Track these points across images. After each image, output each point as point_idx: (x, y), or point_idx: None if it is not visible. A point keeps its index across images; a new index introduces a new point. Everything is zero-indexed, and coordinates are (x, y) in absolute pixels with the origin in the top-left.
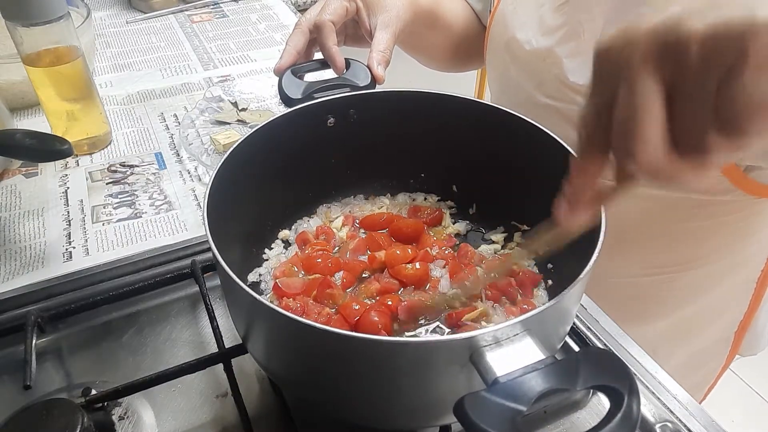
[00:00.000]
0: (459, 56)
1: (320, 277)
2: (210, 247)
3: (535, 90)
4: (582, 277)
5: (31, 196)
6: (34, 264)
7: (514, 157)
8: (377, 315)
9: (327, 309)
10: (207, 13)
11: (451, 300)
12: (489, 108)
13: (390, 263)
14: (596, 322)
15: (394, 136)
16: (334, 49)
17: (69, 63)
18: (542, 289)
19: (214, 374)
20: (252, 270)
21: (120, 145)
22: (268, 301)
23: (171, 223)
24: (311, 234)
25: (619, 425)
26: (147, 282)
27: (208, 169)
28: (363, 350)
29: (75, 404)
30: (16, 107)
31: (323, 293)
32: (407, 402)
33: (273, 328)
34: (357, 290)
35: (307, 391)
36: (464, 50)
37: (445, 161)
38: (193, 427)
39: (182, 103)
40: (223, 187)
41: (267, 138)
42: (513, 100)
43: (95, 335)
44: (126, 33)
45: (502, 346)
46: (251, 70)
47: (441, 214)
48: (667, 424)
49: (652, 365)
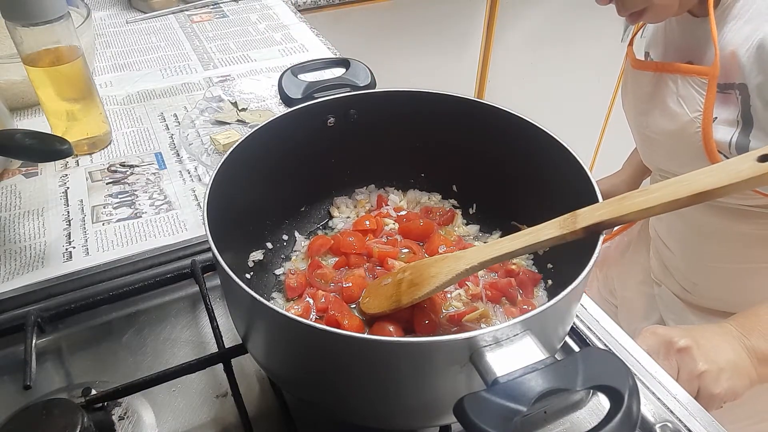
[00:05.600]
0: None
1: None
2: (210, 247)
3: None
4: (582, 277)
5: (31, 196)
6: (34, 264)
7: (514, 157)
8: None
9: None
10: (207, 13)
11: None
12: (489, 108)
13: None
14: (596, 322)
15: (394, 136)
16: None
17: (69, 63)
18: (542, 289)
19: (214, 374)
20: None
21: (120, 145)
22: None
23: (171, 223)
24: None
25: (619, 425)
26: (147, 282)
27: (208, 169)
28: (363, 350)
29: (75, 404)
30: (16, 107)
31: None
32: (407, 402)
33: (273, 328)
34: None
35: (307, 391)
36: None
37: (445, 161)
38: (193, 427)
39: (182, 103)
40: (223, 187)
41: (267, 138)
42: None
43: (95, 335)
44: (126, 33)
45: (502, 346)
46: (251, 70)
47: (453, 214)
48: (667, 424)
49: (652, 365)
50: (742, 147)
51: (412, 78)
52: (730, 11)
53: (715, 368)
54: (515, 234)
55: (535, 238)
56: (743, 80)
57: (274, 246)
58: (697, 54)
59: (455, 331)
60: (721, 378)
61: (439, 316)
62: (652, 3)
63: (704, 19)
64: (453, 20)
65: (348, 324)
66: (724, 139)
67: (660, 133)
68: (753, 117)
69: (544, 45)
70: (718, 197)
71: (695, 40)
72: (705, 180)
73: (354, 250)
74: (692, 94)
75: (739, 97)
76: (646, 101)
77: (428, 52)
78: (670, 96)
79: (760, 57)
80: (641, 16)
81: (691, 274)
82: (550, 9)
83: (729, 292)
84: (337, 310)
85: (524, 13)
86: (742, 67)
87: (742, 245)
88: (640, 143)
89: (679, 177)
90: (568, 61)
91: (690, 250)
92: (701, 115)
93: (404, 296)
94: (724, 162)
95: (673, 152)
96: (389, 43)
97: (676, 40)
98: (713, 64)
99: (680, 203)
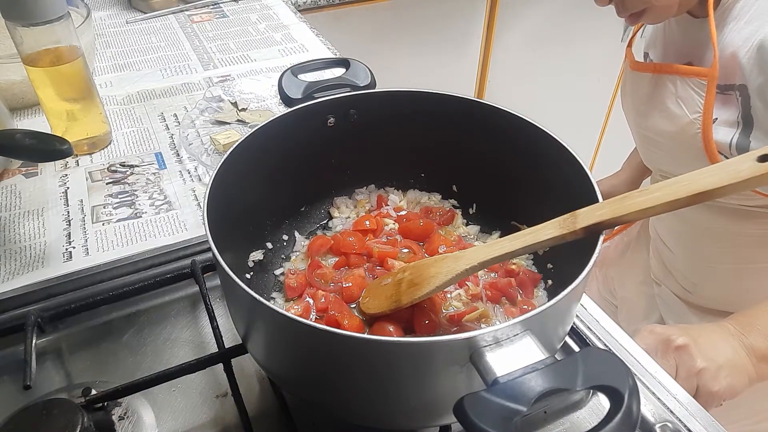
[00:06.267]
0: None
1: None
2: (210, 247)
3: None
4: (582, 277)
5: (31, 196)
6: (34, 264)
7: (514, 157)
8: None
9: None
10: (207, 13)
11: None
12: (489, 108)
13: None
14: (596, 322)
15: (394, 136)
16: None
17: (69, 63)
18: (542, 289)
19: (214, 374)
20: (250, 271)
21: (120, 145)
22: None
23: (171, 223)
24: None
25: (619, 425)
26: (147, 282)
27: (208, 169)
28: (363, 350)
29: (75, 404)
30: (16, 107)
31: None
32: (407, 402)
33: (273, 328)
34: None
35: (307, 391)
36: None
37: (445, 161)
38: (193, 427)
39: (182, 103)
40: (223, 187)
41: (267, 138)
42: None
43: (95, 335)
44: (126, 33)
45: (502, 346)
46: (251, 70)
47: (453, 214)
48: (667, 424)
49: (652, 365)
50: (743, 148)
51: (412, 78)
52: (730, 12)
53: (713, 366)
54: (515, 234)
55: (535, 238)
56: (743, 81)
57: (274, 246)
58: (696, 55)
59: (455, 331)
60: (720, 375)
61: (439, 316)
62: (651, 4)
63: (704, 20)
64: (453, 20)
65: (348, 324)
66: (724, 140)
67: (660, 134)
68: (753, 118)
69: (544, 45)
70: (718, 197)
71: (695, 41)
72: (705, 180)
73: (354, 250)
74: (691, 95)
75: (740, 98)
76: (645, 103)
77: (428, 52)
78: (670, 97)
79: (761, 58)
80: (641, 17)
81: (691, 274)
82: (550, 9)
83: (729, 292)
84: (337, 310)
85: (524, 13)
86: (743, 68)
87: (742, 245)
88: (640, 144)
89: (678, 177)
90: (568, 61)
91: (690, 250)
92: (701, 116)
93: (404, 296)
94: (723, 162)
95: (673, 153)
96: (389, 43)
97: (676, 41)
98: (712, 66)
99: (680, 203)
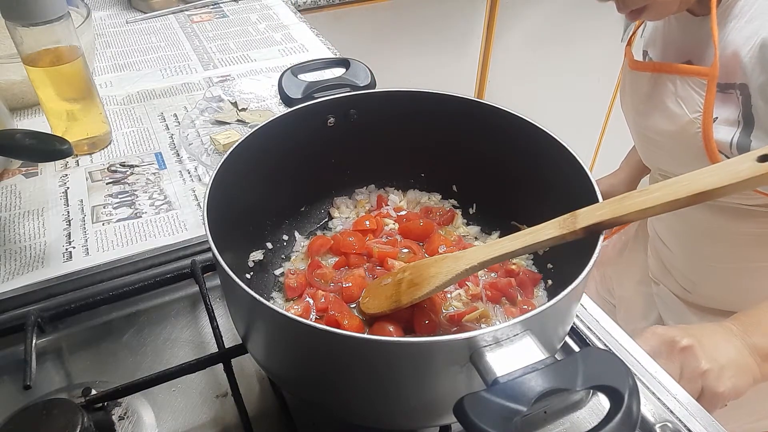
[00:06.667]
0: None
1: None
2: (210, 247)
3: None
4: (582, 277)
5: (31, 196)
6: (34, 264)
7: (514, 157)
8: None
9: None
10: (207, 13)
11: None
12: (489, 108)
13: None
14: (596, 322)
15: (394, 136)
16: None
17: (69, 63)
18: (542, 289)
19: (214, 374)
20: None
21: (120, 145)
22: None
23: (171, 223)
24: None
25: (619, 425)
26: (147, 282)
27: (208, 169)
28: (363, 350)
29: (75, 404)
30: (16, 107)
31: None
32: (407, 402)
33: (273, 328)
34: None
35: (307, 391)
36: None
37: (445, 161)
38: (193, 427)
39: (182, 103)
40: (223, 187)
41: (267, 138)
42: None
43: (95, 335)
44: (126, 33)
45: (502, 346)
46: (251, 70)
47: (453, 214)
48: (667, 424)
49: (652, 365)
50: (743, 147)
51: (412, 78)
52: (731, 10)
53: (717, 366)
54: (515, 234)
55: (535, 238)
56: (744, 80)
57: (274, 246)
58: (696, 53)
59: (455, 331)
60: (724, 376)
61: (439, 316)
62: (652, 0)
63: (704, 18)
64: (453, 20)
65: (348, 324)
66: (724, 139)
67: (660, 133)
68: (754, 117)
69: (544, 45)
70: (718, 197)
71: (695, 40)
72: (705, 180)
73: (354, 250)
74: (691, 94)
75: (740, 97)
76: (644, 102)
77: (428, 52)
78: (669, 97)
79: (763, 57)
80: (641, 13)
81: (690, 273)
82: (550, 9)
83: (728, 291)
84: (337, 310)
85: (524, 13)
86: (744, 67)
87: (742, 244)
88: (640, 144)
89: (678, 177)
90: (568, 61)
91: (689, 250)
92: (701, 115)
93: (404, 296)
94: (723, 162)
95: (673, 153)
96: (389, 43)
97: (675, 39)
98: (713, 65)
99: (680, 203)
